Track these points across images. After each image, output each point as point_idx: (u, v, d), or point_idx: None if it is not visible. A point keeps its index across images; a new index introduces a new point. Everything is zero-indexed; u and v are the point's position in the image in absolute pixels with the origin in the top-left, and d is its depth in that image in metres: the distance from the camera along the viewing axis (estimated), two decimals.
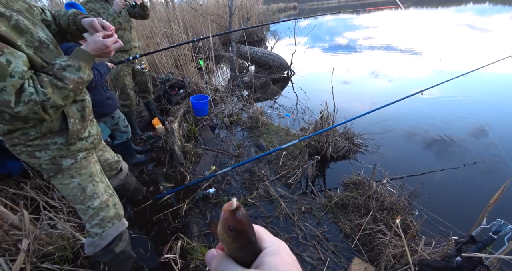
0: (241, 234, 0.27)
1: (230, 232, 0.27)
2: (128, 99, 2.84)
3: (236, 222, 0.27)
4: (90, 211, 1.25)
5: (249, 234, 0.28)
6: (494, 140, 2.94)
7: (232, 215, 0.27)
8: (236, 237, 0.27)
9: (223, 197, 2.13)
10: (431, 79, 4.57)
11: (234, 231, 0.27)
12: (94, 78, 1.92)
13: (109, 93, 2.18)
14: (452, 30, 11.74)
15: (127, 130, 2.35)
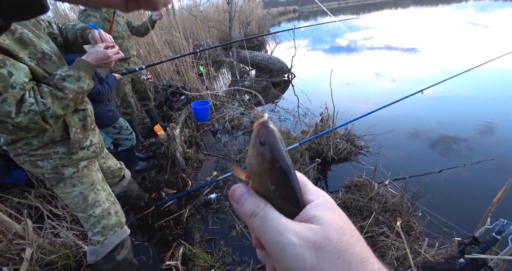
0: (275, 152, 0.23)
1: (262, 148, 0.23)
2: (129, 107, 2.89)
3: (269, 134, 0.23)
4: (92, 219, 1.27)
5: (286, 159, 0.24)
6: (501, 138, 2.90)
7: (264, 126, 0.23)
8: (270, 157, 0.23)
9: (224, 203, 2.13)
10: (434, 77, 4.54)
11: (267, 145, 0.23)
12: (105, 91, 1.97)
13: (109, 106, 2.23)
14: (454, 27, 11.68)
15: (131, 137, 2.38)
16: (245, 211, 0.24)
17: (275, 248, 0.22)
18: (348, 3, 36.51)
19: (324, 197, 0.26)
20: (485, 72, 4.42)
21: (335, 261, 0.21)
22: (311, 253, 0.22)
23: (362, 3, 34.42)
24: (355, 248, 0.22)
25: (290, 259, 0.22)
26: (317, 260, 0.21)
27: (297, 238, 0.22)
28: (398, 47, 8.27)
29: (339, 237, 0.22)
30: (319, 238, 0.22)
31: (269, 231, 0.23)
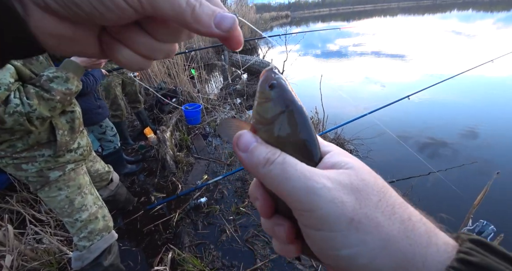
0: (287, 94, 0.22)
1: (272, 92, 0.22)
2: (119, 109, 2.84)
3: (278, 77, 0.22)
4: (78, 224, 1.24)
5: (298, 101, 0.22)
6: (483, 142, 3.02)
7: (272, 71, 0.23)
8: (282, 99, 0.21)
9: (214, 206, 2.12)
10: (421, 83, 4.69)
11: (277, 88, 0.22)
12: (90, 83, 1.92)
13: (100, 102, 2.18)
14: (439, 36, 12.12)
15: (114, 139, 2.33)
16: (258, 159, 0.21)
17: (305, 195, 0.19)
18: (339, 10, 37.39)
19: (340, 148, 0.24)
20: (469, 79, 4.60)
21: (378, 204, 0.19)
22: (350, 196, 0.19)
23: (353, 11, 35.32)
24: (392, 191, 0.21)
25: (326, 205, 0.19)
26: (359, 203, 0.19)
27: (330, 181, 0.20)
28: (387, 53, 8.52)
29: (374, 179, 0.21)
30: (355, 180, 0.20)
31: (293, 177, 0.20)
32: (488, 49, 7.77)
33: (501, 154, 2.80)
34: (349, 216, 0.19)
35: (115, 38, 0.21)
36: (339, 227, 0.19)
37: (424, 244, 0.18)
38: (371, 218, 0.19)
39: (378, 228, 0.18)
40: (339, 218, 0.19)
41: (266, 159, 0.21)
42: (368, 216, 0.19)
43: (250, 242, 1.81)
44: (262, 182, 0.22)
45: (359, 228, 0.18)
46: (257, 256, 1.71)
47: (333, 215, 0.19)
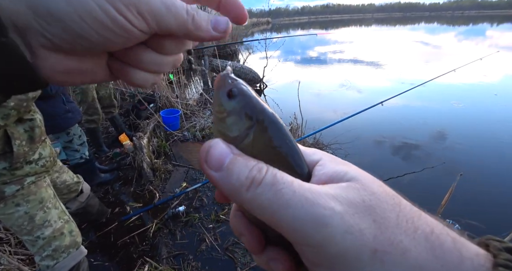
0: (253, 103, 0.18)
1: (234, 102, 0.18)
2: (96, 113, 2.69)
3: (237, 84, 0.18)
4: (40, 242, 1.14)
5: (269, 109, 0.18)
6: (450, 143, 3.24)
7: (228, 77, 0.19)
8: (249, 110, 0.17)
9: (193, 215, 2.06)
10: (394, 89, 4.95)
11: (239, 96, 0.18)
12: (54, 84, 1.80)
13: (69, 106, 2.03)
14: (409, 45, 12.95)
15: (81, 149, 2.19)
16: (239, 180, 0.16)
17: (312, 228, 0.15)
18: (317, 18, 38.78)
19: (328, 154, 0.21)
20: (436, 86, 4.93)
21: (397, 222, 0.16)
22: (367, 220, 0.15)
23: (330, 19, 36.79)
24: (401, 198, 0.18)
25: (342, 238, 0.15)
26: (379, 227, 0.15)
27: (339, 203, 0.16)
28: (363, 61, 8.93)
29: (383, 189, 0.17)
30: (366, 196, 0.16)
31: (292, 203, 0.15)
32: (452, 59, 8.41)
33: (466, 153, 3.02)
34: (372, 247, 0.15)
35: (123, 62, 0.22)
36: (361, 263, 0.15)
37: (456, 261, 0.15)
38: (395, 243, 0.15)
39: (406, 255, 0.15)
40: (360, 252, 0.15)
41: (251, 178, 0.16)
42: (392, 242, 0.15)
43: (231, 251, 1.77)
44: (246, 209, 0.17)
45: (385, 260, 0.15)
46: (238, 264, 1.68)
47: (352, 250, 0.15)
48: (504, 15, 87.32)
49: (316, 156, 0.20)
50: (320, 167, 0.19)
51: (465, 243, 0.16)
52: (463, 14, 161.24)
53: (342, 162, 0.20)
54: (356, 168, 0.19)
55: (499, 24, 33.16)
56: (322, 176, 0.18)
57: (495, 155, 3.01)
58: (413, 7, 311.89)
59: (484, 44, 13.64)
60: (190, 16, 0.20)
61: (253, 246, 0.20)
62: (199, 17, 0.21)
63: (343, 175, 0.18)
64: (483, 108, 4.39)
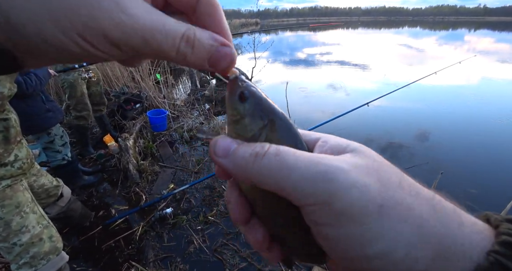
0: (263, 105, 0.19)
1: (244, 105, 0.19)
2: (86, 109, 2.58)
3: (248, 86, 0.19)
4: (16, 249, 1.08)
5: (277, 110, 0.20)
6: (433, 143, 3.37)
7: (239, 80, 0.20)
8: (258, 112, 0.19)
9: (181, 217, 2.03)
10: (379, 91, 5.09)
11: (250, 99, 0.19)
12: (32, 83, 1.71)
13: (50, 105, 1.94)
14: (394, 48, 13.37)
15: (62, 150, 2.11)
16: (244, 158, 0.17)
17: (317, 185, 0.16)
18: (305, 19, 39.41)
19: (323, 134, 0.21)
20: (420, 87, 5.12)
21: (401, 184, 0.16)
22: (372, 178, 0.16)
23: (318, 21, 37.47)
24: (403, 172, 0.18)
25: (348, 192, 0.15)
26: (383, 185, 0.16)
27: (345, 162, 0.16)
28: (350, 63, 9.14)
29: (382, 159, 0.18)
30: (369, 161, 0.17)
31: (297, 165, 0.16)
32: (433, 62, 8.75)
33: (447, 153, 3.15)
34: (377, 202, 0.15)
35: None
36: (367, 218, 0.15)
37: (456, 225, 0.16)
38: (400, 201, 0.16)
39: (410, 212, 0.15)
40: (366, 207, 0.15)
41: (255, 153, 0.17)
42: (397, 199, 0.16)
43: (219, 252, 1.76)
44: (257, 184, 0.17)
45: (391, 215, 0.15)
46: (226, 266, 1.67)
47: (358, 204, 0.15)
48: (480, 22, 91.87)
49: (317, 135, 0.21)
50: (321, 141, 0.20)
51: (464, 212, 0.17)
52: (443, 19, 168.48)
53: (342, 138, 0.21)
54: (357, 143, 0.19)
55: (476, 30, 34.90)
56: (324, 147, 0.19)
57: (473, 154, 3.15)
58: (397, 11, 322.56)
59: (462, 48, 14.31)
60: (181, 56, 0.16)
61: (237, 215, 0.21)
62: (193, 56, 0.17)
63: (345, 146, 0.19)
64: (462, 109, 4.60)
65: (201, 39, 0.17)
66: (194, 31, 0.16)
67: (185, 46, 0.16)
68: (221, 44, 0.17)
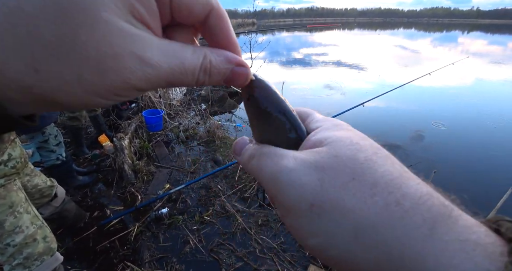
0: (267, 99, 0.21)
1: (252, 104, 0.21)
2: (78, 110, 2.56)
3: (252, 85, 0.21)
4: (10, 250, 1.07)
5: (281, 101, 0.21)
6: (427, 144, 3.41)
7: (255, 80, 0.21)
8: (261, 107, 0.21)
9: (177, 217, 2.02)
10: (374, 91, 5.14)
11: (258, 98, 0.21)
12: None
13: None
14: (389, 49, 13.50)
15: (57, 149, 2.08)
16: (244, 158, 0.21)
17: (270, 183, 0.18)
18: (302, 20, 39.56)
19: (333, 121, 0.22)
20: (414, 88, 5.19)
21: (348, 184, 0.16)
22: (311, 177, 0.17)
23: (315, 22, 37.64)
24: (381, 166, 0.16)
25: (286, 189, 0.17)
26: (321, 183, 0.16)
27: (294, 162, 0.18)
28: (346, 63, 9.20)
29: (354, 153, 0.17)
30: (323, 158, 0.17)
31: (266, 166, 0.19)
32: (427, 63, 8.86)
33: (441, 152, 3.20)
34: (309, 201, 0.16)
35: None
36: (300, 213, 0.17)
37: (421, 237, 0.14)
38: (334, 202, 0.16)
39: (345, 214, 0.15)
40: (298, 203, 0.17)
41: (249, 156, 0.21)
42: (331, 199, 0.16)
43: (215, 252, 1.76)
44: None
45: (321, 214, 0.16)
46: (223, 265, 1.67)
47: (292, 200, 0.17)
48: (473, 24, 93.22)
49: (318, 124, 0.22)
50: (313, 133, 0.21)
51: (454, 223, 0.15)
52: (437, 21, 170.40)
53: (340, 129, 0.20)
54: (343, 133, 0.19)
55: (469, 32, 35.44)
56: (309, 142, 0.20)
57: (466, 153, 3.21)
58: (392, 13, 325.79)
59: (456, 50, 14.53)
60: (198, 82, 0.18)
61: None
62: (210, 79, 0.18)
63: (322, 141, 0.19)
64: (456, 109, 4.67)
65: (217, 66, 0.18)
66: (210, 59, 0.18)
67: (203, 76, 0.18)
68: (236, 64, 0.19)
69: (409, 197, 0.15)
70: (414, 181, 0.16)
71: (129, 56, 0.14)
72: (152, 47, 0.15)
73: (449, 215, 0.15)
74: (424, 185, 0.16)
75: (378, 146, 0.19)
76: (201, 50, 0.17)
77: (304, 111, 0.24)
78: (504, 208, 1.46)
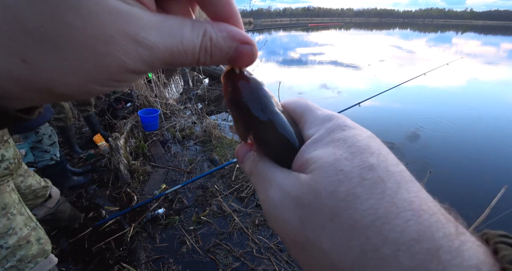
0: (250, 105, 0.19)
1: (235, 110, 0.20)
2: (62, 112, 2.52)
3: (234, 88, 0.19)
4: (2, 252, 1.05)
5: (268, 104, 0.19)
6: (422, 143, 3.45)
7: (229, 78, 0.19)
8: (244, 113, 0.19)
9: (173, 217, 2.01)
10: (371, 91, 5.18)
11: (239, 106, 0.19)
12: None
13: None
14: (385, 49, 13.60)
15: (51, 149, 2.05)
16: (247, 168, 0.22)
17: (263, 209, 0.19)
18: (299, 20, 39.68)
19: (330, 123, 0.19)
20: (410, 88, 5.23)
21: (326, 225, 0.15)
22: (294, 214, 0.16)
23: (311, 22, 37.75)
24: (365, 201, 0.14)
25: (273, 222, 0.18)
26: (301, 223, 0.16)
27: (279, 194, 0.17)
28: (343, 63, 9.24)
29: (334, 187, 0.15)
30: (303, 193, 0.16)
31: (257, 189, 0.20)
32: (422, 63, 8.95)
33: (436, 152, 3.23)
34: (292, 238, 0.17)
35: None
36: (286, 244, 0.18)
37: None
38: (313, 243, 0.15)
39: (324, 256, 0.15)
40: (284, 238, 0.18)
41: (249, 170, 0.22)
42: (310, 240, 0.15)
43: (212, 252, 1.75)
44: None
45: (303, 251, 0.16)
46: (220, 266, 1.67)
47: (279, 232, 0.18)
48: (467, 25, 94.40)
49: (315, 129, 0.20)
50: (304, 147, 0.19)
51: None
52: (432, 22, 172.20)
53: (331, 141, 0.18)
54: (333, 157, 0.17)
55: (463, 33, 35.90)
56: (299, 160, 0.19)
57: (461, 153, 3.25)
58: (388, 13, 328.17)
59: (450, 50, 14.70)
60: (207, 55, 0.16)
61: None
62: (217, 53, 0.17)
63: (310, 164, 0.17)
64: (450, 109, 4.72)
65: (219, 44, 0.16)
66: (211, 35, 0.16)
67: (204, 56, 0.16)
68: (240, 42, 0.17)
69: (389, 243, 0.13)
70: (403, 219, 0.14)
71: (122, 38, 0.13)
72: (146, 26, 0.14)
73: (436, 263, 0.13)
74: (415, 223, 0.13)
75: (370, 165, 0.16)
76: (200, 25, 0.16)
77: (299, 106, 0.22)
78: (497, 206, 1.48)
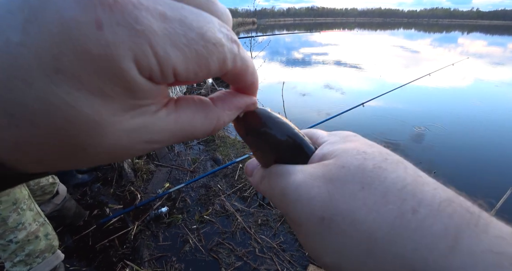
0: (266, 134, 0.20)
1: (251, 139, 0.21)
2: None
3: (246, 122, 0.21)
4: (12, 246, 1.08)
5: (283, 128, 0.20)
6: (427, 144, 3.43)
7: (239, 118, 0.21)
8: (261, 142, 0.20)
9: (177, 216, 2.03)
10: (375, 91, 5.16)
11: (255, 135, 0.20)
12: None
13: None
14: (389, 49, 13.51)
15: None
16: (255, 180, 0.22)
17: (280, 200, 0.18)
18: (302, 20, 39.57)
19: (339, 134, 0.21)
20: (414, 88, 5.19)
21: (358, 193, 0.15)
22: (320, 189, 0.16)
23: (315, 22, 37.65)
24: (392, 172, 0.15)
25: (294, 205, 0.16)
26: (330, 195, 0.15)
27: (302, 176, 0.17)
28: (347, 63, 9.20)
29: (361, 162, 0.16)
30: (331, 170, 0.16)
31: (274, 185, 0.19)
32: (427, 64, 8.87)
33: (441, 153, 3.21)
34: (319, 214, 0.15)
35: None
36: (311, 228, 0.16)
37: (445, 249, 0.12)
38: (345, 213, 0.15)
39: (357, 226, 0.14)
40: (308, 218, 0.16)
41: (261, 176, 0.21)
42: (342, 211, 0.15)
43: (215, 251, 1.77)
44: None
45: (333, 228, 0.15)
46: (222, 265, 1.68)
47: (302, 216, 0.16)
48: (473, 25, 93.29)
49: (327, 138, 0.21)
50: (320, 148, 0.20)
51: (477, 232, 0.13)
52: (437, 22, 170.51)
53: (347, 141, 0.19)
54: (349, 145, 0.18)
55: (469, 33, 35.51)
56: (316, 157, 0.19)
57: (466, 153, 3.22)
58: (392, 13, 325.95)
59: (456, 50, 14.56)
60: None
61: None
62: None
63: (329, 154, 0.18)
64: (456, 110, 4.68)
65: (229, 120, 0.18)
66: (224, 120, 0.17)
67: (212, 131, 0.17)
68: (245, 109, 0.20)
69: (425, 204, 0.14)
70: (430, 187, 0.15)
71: (138, 144, 0.13)
72: (160, 131, 0.14)
73: (475, 224, 0.13)
74: (442, 190, 0.15)
75: (387, 152, 0.18)
76: (214, 113, 0.16)
77: (309, 131, 0.24)
78: (503, 208, 1.47)
